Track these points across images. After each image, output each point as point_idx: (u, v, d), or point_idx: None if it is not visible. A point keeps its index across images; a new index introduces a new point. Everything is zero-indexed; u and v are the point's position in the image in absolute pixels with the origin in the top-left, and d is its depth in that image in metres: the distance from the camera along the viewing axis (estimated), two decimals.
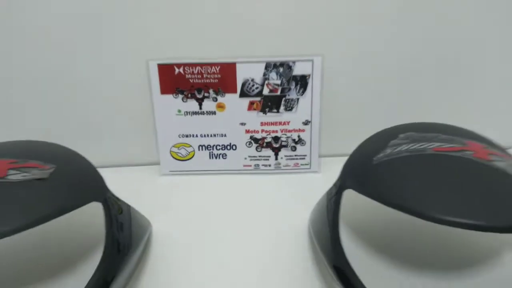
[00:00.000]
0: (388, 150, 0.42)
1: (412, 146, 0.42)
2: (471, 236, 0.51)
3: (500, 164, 0.39)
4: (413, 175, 0.39)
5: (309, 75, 0.61)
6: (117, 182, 0.47)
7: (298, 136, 0.65)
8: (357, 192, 0.41)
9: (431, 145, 0.41)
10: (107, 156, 0.63)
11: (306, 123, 0.64)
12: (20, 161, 0.41)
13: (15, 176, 0.39)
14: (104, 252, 0.40)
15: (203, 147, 0.66)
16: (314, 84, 0.61)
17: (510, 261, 0.48)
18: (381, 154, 0.42)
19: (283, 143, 0.65)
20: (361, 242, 0.51)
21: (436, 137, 0.43)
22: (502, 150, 0.43)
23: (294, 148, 0.65)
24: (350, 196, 0.43)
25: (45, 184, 0.39)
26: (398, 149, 0.42)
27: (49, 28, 0.58)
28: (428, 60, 0.63)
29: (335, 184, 0.46)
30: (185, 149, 0.66)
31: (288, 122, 0.64)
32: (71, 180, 0.42)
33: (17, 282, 0.47)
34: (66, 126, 0.65)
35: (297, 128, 0.64)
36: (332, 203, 0.45)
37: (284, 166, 0.66)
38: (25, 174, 0.39)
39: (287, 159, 0.66)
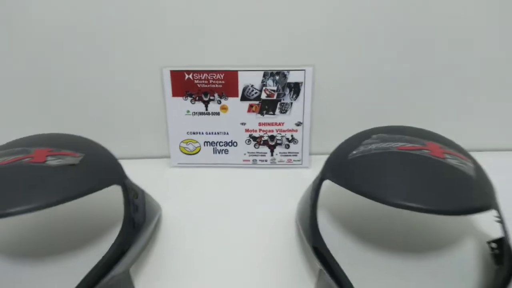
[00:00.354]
0: (361, 148, 0.49)
1: (381, 145, 0.49)
2: (435, 222, 0.58)
3: (452, 161, 0.45)
4: (377, 169, 0.46)
5: (301, 83, 0.67)
6: (133, 172, 0.54)
7: (291, 136, 0.70)
8: (334, 183, 0.49)
9: (396, 144, 0.48)
10: (125, 149, 0.69)
11: (298, 124, 0.70)
12: (55, 149, 0.49)
13: (52, 161, 0.47)
14: (122, 228, 0.47)
15: (208, 143, 0.72)
16: (306, 90, 0.67)
17: (469, 245, 0.54)
18: (355, 151, 0.49)
19: (278, 141, 0.71)
20: (339, 226, 0.58)
21: (401, 138, 0.49)
22: (459, 150, 0.50)
23: (287, 146, 0.71)
24: (331, 188, 0.50)
25: (76, 169, 0.47)
26: (369, 147, 0.49)
27: (82, 36, 0.65)
28: (406, 71, 0.68)
29: (317, 176, 0.53)
30: (192, 144, 0.72)
31: (283, 123, 0.70)
32: (96, 167, 0.50)
33: (50, 248, 0.55)
34: (90, 122, 0.72)
35: (290, 128, 0.70)
36: (313, 191, 0.52)
37: (278, 161, 0.72)
38: (60, 160, 0.47)
39: (281, 155, 0.72)
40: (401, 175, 0.44)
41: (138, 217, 0.51)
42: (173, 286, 0.50)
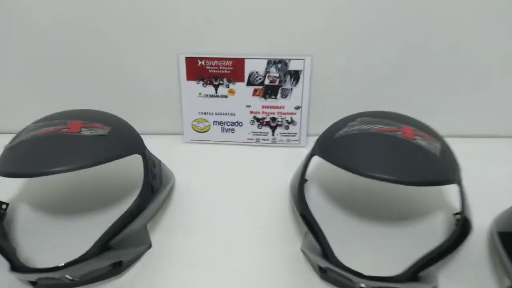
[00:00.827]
0: (345, 129, 0.56)
1: (362, 126, 0.55)
2: (411, 197, 0.64)
3: (421, 142, 0.52)
4: (356, 146, 0.52)
5: (301, 71, 0.73)
6: (151, 145, 0.61)
7: (291, 118, 0.77)
8: (322, 158, 0.56)
9: (375, 126, 0.55)
10: (144, 126, 0.71)
11: (297, 108, 0.76)
12: (88, 122, 0.57)
13: (85, 132, 0.54)
14: (141, 191, 0.55)
15: (217, 123, 0.79)
16: (304, 77, 0.73)
17: (439, 217, 0.61)
18: (340, 131, 0.56)
19: (279, 123, 0.78)
20: (325, 197, 0.65)
21: (381, 121, 0.56)
22: (430, 133, 0.55)
23: (287, 127, 0.78)
24: (321, 165, 0.57)
25: (104, 139, 0.54)
26: (352, 128, 0.56)
27: (110, 28, 0.72)
28: (396, 63, 0.74)
29: (308, 153, 0.60)
30: (203, 123, 0.79)
31: (283, 107, 0.76)
32: (121, 138, 0.57)
33: (81, 205, 0.63)
34: (116, 101, 0.78)
35: (290, 111, 0.76)
36: (303, 165, 0.60)
37: (279, 141, 0.79)
38: (92, 131, 0.55)
39: (281, 135, 0.79)
40: (375, 151, 0.51)
41: (155, 183, 0.59)
42: (182, 240, 0.58)
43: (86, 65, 0.76)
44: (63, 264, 0.44)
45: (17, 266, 0.46)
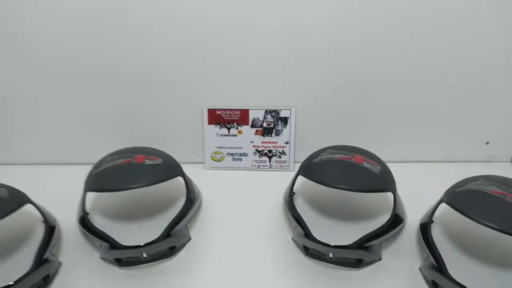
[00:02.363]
0: (319, 157, 0.80)
1: (329, 156, 0.79)
2: (366, 202, 0.86)
3: (367, 165, 0.76)
4: (325, 168, 0.76)
5: (288, 117, 0.95)
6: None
7: (282, 150, 0.99)
8: (304, 177, 0.80)
9: (337, 155, 0.79)
10: (177, 156, 0.85)
11: (286, 143, 0.98)
12: (147, 155, 0.78)
13: (147, 162, 0.77)
14: (185, 201, 0.77)
15: (229, 154, 1.00)
16: (291, 122, 0.96)
17: (385, 215, 0.81)
18: (315, 159, 0.80)
19: (274, 154, 0.99)
20: (308, 203, 0.86)
21: (341, 152, 0.79)
22: (375, 160, 0.79)
23: (280, 157, 0.99)
24: (304, 182, 0.80)
25: (159, 167, 0.77)
26: (323, 157, 0.79)
27: (157, 88, 0.94)
28: (357, 109, 0.96)
29: (295, 174, 0.83)
30: (219, 155, 1.00)
31: (277, 142, 0.98)
32: (169, 166, 0.80)
33: (144, 212, 0.83)
34: (158, 140, 0.94)
35: (281, 145, 0.98)
36: (291, 182, 0.84)
37: (274, 167, 1.01)
38: (151, 161, 0.78)
39: (276, 163, 1.00)
40: (337, 171, 0.75)
41: (192, 196, 0.81)
42: (209, 235, 0.80)
43: (136, 114, 0.99)
44: (143, 244, 0.68)
45: (116, 245, 0.69)
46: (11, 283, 0.60)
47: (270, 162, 1.01)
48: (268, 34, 0.90)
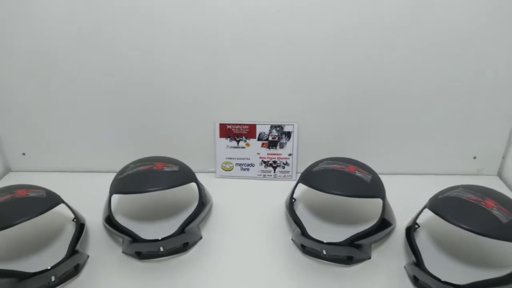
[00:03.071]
0: (317, 167, 0.88)
1: (326, 166, 0.88)
2: (358, 207, 0.93)
3: (359, 174, 0.84)
4: (322, 176, 0.84)
5: (292, 131, 1.04)
6: None
7: (286, 161, 1.07)
8: (303, 184, 0.89)
9: (333, 165, 0.87)
10: (192, 166, 0.93)
11: (290, 154, 1.06)
12: (166, 163, 0.89)
13: (166, 169, 0.87)
14: (198, 204, 0.86)
15: (238, 164, 1.08)
16: (294, 136, 1.04)
17: (373, 219, 0.86)
18: (314, 168, 0.89)
19: (278, 164, 1.07)
20: (307, 209, 0.94)
21: (336, 162, 0.87)
22: (366, 169, 0.87)
23: (283, 167, 1.08)
24: (305, 190, 0.89)
25: (176, 173, 0.86)
26: (320, 167, 0.88)
27: (174, 107, 1.05)
28: (352, 125, 1.05)
29: (296, 182, 0.93)
30: (229, 165, 1.08)
31: (281, 154, 1.05)
32: (185, 172, 0.89)
33: (161, 213, 0.92)
34: (176, 150, 0.99)
35: (285, 157, 1.06)
36: (292, 189, 0.93)
37: (278, 176, 1.08)
38: (169, 168, 0.87)
39: (280, 173, 1.08)
40: (332, 179, 0.83)
41: (204, 199, 0.90)
42: (218, 235, 0.88)
43: (156, 128, 1.09)
44: (160, 238, 0.77)
45: (137, 239, 0.78)
46: (49, 267, 0.70)
47: (274, 172, 1.10)
48: (273, 58, 1.00)
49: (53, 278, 0.71)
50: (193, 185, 0.91)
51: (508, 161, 1.10)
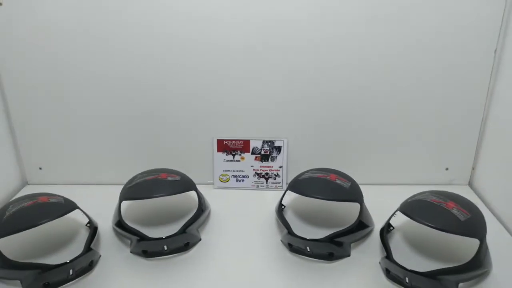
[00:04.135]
0: (303, 176, 0.98)
1: (311, 174, 0.98)
2: (341, 210, 1.02)
3: (339, 182, 0.94)
4: (307, 184, 0.94)
5: (282, 146, 1.15)
6: None
7: (277, 173, 1.16)
8: (291, 191, 0.99)
9: (317, 174, 0.99)
10: (192, 177, 1.02)
11: (280, 167, 1.16)
12: (169, 173, 1.00)
13: (169, 178, 0.97)
14: (197, 209, 0.96)
15: (233, 176, 1.17)
16: (284, 150, 1.14)
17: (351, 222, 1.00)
18: (300, 177, 0.99)
19: (270, 176, 1.16)
20: (295, 213, 1.04)
21: (320, 172, 0.97)
22: (345, 177, 0.96)
23: (275, 178, 1.17)
24: (294, 197, 1.00)
25: (178, 182, 0.96)
26: (306, 176, 0.98)
27: (176, 123, 1.18)
28: (338, 139, 1.15)
29: (285, 189, 1.04)
30: (225, 177, 1.17)
31: (272, 166, 1.14)
32: (185, 182, 0.98)
33: (163, 217, 1.01)
34: (178, 163, 1.07)
35: (276, 169, 1.15)
36: (282, 196, 1.03)
37: (270, 186, 1.18)
38: (172, 178, 0.98)
39: (272, 183, 1.17)
40: (315, 186, 0.93)
41: (203, 206, 1.00)
42: (215, 238, 0.97)
43: (158, 144, 1.19)
44: (165, 237, 0.87)
45: (144, 238, 0.88)
46: (68, 261, 0.80)
47: (267, 183, 1.18)
48: (265, 80, 1.11)
49: (71, 272, 0.80)
50: (193, 193, 1.01)
51: (477, 171, 1.20)
